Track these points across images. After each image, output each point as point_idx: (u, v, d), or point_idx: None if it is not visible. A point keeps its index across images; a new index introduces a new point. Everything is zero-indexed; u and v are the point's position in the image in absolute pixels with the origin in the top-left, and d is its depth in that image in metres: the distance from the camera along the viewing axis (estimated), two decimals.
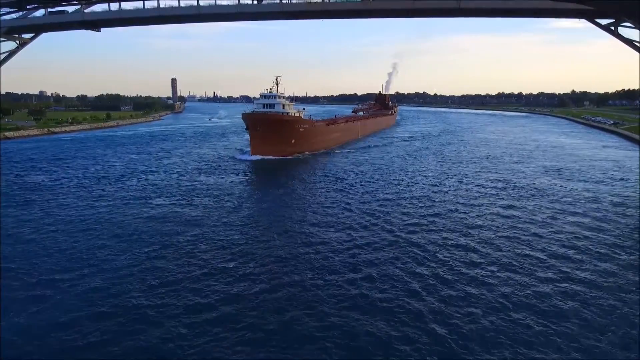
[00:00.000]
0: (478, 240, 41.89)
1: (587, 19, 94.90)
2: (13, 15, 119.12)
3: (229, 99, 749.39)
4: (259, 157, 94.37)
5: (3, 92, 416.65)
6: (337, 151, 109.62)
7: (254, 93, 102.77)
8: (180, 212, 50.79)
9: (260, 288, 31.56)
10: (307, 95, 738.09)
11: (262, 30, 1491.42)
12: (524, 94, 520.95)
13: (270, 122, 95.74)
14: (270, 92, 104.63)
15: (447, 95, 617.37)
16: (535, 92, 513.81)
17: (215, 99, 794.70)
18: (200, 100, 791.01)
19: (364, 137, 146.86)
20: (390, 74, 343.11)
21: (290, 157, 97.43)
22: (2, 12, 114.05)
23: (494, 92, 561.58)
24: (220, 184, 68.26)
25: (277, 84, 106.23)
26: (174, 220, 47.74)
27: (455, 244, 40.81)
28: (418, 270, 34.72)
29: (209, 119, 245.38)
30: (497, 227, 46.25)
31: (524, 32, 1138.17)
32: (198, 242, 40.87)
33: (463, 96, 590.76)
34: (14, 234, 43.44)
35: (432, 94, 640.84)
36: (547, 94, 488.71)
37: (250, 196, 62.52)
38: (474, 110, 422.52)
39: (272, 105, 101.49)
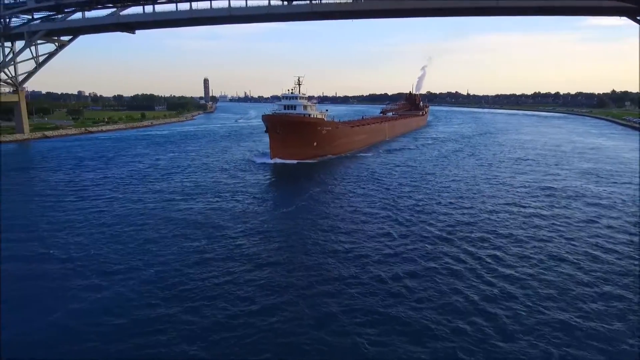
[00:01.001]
0: (517, 244, 40.60)
1: (628, 17, 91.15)
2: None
3: (260, 99, 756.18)
4: (279, 160, 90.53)
5: (44, 92, 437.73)
6: (362, 154, 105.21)
7: (283, 92, 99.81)
8: (201, 217, 51.03)
9: (296, 294, 31.49)
10: (337, 95, 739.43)
11: (292, 31, 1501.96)
12: (561, 93, 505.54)
13: (290, 124, 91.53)
14: (291, 92, 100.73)
15: (481, 95, 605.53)
16: (572, 92, 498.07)
17: (246, 99, 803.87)
18: (232, 100, 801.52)
19: (392, 139, 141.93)
20: (421, 73, 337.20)
21: (311, 160, 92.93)
22: (41, 16, 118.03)
23: (529, 92, 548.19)
24: (238, 189, 65.44)
25: (299, 84, 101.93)
26: (197, 224, 48.26)
27: (494, 249, 39.57)
28: (459, 283, 33.61)
29: (236, 120, 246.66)
30: (534, 231, 44.71)
31: (558, 30, 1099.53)
32: (221, 247, 40.98)
33: (497, 96, 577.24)
34: (68, 227, 46.28)
35: (465, 93, 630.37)
36: (586, 94, 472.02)
37: (270, 202, 59.88)
38: (508, 111, 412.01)
39: (293, 107, 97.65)
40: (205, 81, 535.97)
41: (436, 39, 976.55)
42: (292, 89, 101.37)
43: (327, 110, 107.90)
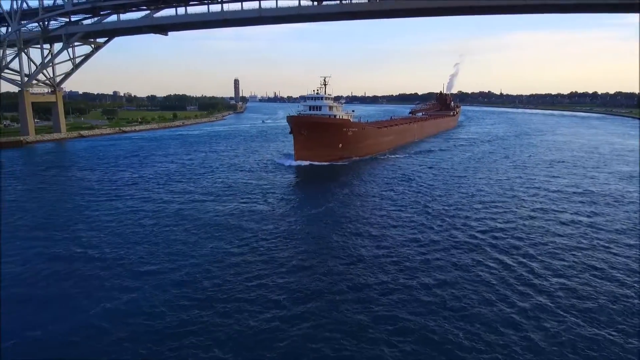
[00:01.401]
0: (553, 253, 38.90)
1: None
2: (88, 21, 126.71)
3: (289, 99, 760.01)
4: (303, 162, 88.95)
5: (80, 92, 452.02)
6: (389, 156, 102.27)
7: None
8: (228, 219, 51.29)
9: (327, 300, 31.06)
10: (366, 95, 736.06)
11: (321, 31, 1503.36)
12: (599, 93, 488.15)
13: (315, 126, 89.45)
14: (316, 93, 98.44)
15: (514, 94, 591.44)
16: (611, 92, 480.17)
17: (276, 99, 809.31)
18: (262, 100, 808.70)
19: (421, 140, 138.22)
20: (453, 72, 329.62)
21: (336, 162, 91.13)
22: (78, 19, 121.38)
23: (565, 92, 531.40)
24: (263, 191, 65.07)
25: (324, 85, 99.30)
26: (226, 225, 48.38)
27: (530, 259, 38.05)
28: (492, 293, 32.41)
29: (263, 121, 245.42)
30: (573, 240, 42.75)
31: (595, 28, 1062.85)
32: (250, 249, 40.96)
33: (532, 95, 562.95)
34: (103, 226, 47.52)
35: (498, 93, 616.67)
36: (626, 94, 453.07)
37: (295, 204, 58.59)
38: (543, 111, 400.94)
39: (318, 108, 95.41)
40: (236, 82, 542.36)
41: (467, 38, 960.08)
42: (317, 90, 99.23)
43: (353, 111, 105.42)
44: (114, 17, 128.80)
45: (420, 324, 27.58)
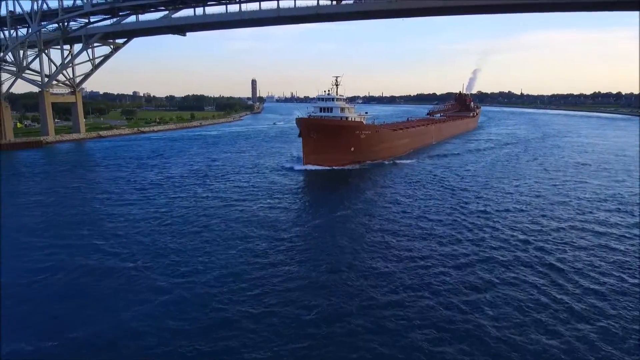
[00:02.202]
0: (589, 265, 36.74)
1: None
2: (107, 22, 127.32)
3: (306, 99, 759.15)
4: (312, 167, 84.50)
5: (101, 92, 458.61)
6: (405, 161, 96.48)
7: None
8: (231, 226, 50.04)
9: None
10: (383, 95, 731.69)
11: (338, 30, 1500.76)
12: (623, 93, 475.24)
13: (325, 128, 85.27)
14: (328, 93, 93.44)
15: (535, 94, 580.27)
16: (636, 92, 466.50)
17: (292, 99, 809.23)
18: (278, 100, 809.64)
19: (439, 143, 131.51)
20: (474, 72, 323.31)
21: (348, 167, 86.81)
22: (97, 19, 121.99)
23: (588, 92, 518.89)
24: (273, 193, 63.41)
25: (336, 85, 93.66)
26: (245, 227, 47.31)
27: (562, 273, 35.93)
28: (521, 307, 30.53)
29: (274, 123, 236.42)
30: (607, 246, 40.59)
31: (619, 26, 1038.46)
32: (278, 251, 39.78)
33: (553, 96, 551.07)
34: (131, 227, 47.57)
35: (519, 93, 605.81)
36: None
37: (301, 212, 55.90)
38: (565, 111, 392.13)
39: (329, 109, 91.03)
40: (253, 82, 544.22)
41: (487, 37, 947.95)
42: (328, 90, 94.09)
43: (366, 112, 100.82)
44: (132, 18, 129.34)
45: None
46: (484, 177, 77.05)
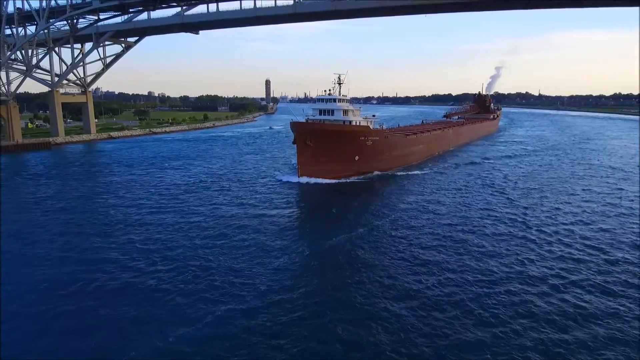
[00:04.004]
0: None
1: None
2: (118, 20, 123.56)
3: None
4: (308, 179, 73.24)
5: (116, 92, 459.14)
6: (418, 171, 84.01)
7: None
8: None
9: None
10: (398, 96, 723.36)
11: (353, 31, 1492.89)
12: None
13: (324, 134, 73.91)
14: (329, 94, 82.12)
15: (553, 95, 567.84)
16: None
17: (306, 99, 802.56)
18: (292, 101, 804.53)
19: (457, 149, 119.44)
20: (498, 68, 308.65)
21: (352, 179, 75.80)
22: (107, 16, 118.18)
23: (608, 93, 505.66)
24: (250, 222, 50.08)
25: (339, 84, 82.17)
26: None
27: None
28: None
29: (270, 127, 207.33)
30: None
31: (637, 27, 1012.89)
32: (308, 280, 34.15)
33: (572, 97, 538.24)
34: (162, 239, 44.04)
35: (536, 94, 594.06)
36: None
37: (293, 237, 45.01)
38: (586, 113, 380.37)
39: (330, 112, 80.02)
40: (267, 82, 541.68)
41: (505, 38, 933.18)
42: (329, 90, 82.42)
43: (374, 115, 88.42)
44: (144, 16, 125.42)
45: None
46: (512, 190, 66.07)
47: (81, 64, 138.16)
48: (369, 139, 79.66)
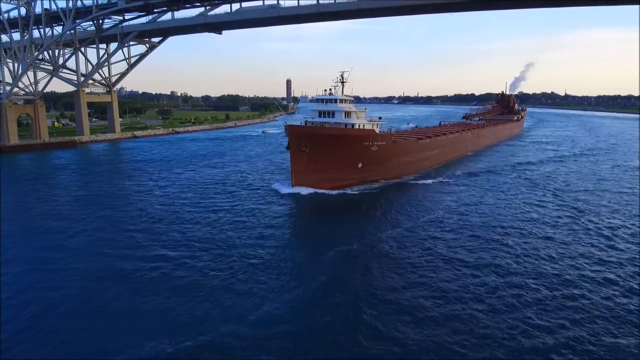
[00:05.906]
0: None
1: None
2: (142, 20, 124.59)
3: None
4: (304, 190, 65.82)
5: (140, 92, 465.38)
6: (430, 180, 76.34)
7: (364, 93, 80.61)
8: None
9: None
10: (419, 96, 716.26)
11: (375, 31, 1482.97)
12: None
13: (321, 139, 66.32)
14: (330, 93, 74.55)
15: (580, 95, 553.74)
16: None
17: None
18: (312, 100, 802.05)
19: (476, 154, 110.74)
20: (527, 65, 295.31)
21: (354, 189, 68.57)
22: (131, 17, 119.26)
23: (636, 93, 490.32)
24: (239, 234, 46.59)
25: (341, 83, 74.84)
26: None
27: None
28: None
29: (262, 132, 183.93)
30: None
31: None
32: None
33: (599, 97, 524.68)
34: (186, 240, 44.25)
35: (562, 94, 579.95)
36: None
37: (289, 261, 39.45)
38: (615, 114, 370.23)
39: (331, 114, 72.61)
40: (288, 82, 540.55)
41: (528, 37, 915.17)
42: (330, 89, 74.71)
43: (380, 117, 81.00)
44: (168, 16, 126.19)
45: None
46: (542, 207, 57.23)
47: (106, 63, 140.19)
48: (374, 143, 72.36)
